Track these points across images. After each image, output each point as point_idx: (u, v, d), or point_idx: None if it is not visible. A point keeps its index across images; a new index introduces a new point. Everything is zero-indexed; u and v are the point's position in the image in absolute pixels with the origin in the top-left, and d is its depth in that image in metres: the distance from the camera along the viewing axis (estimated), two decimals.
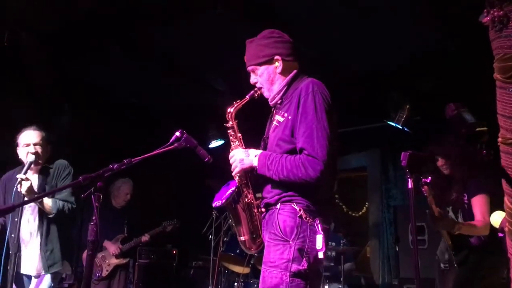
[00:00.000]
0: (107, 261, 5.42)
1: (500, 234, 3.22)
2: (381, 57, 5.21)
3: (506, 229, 1.76)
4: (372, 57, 5.23)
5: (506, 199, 1.76)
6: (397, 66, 5.29)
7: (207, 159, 2.62)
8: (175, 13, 4.56)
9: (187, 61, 5.62)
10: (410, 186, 2.14)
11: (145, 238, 5.57)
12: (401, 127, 5.55)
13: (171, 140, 2.52)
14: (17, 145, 3.64)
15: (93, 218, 2.15)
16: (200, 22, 4.67)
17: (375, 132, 6.28)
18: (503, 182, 1.77)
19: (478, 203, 3.66)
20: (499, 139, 1.79)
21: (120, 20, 4.63)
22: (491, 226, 3.35)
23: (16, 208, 2.67)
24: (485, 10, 1.83)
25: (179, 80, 6.10)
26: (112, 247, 5.41)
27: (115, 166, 2.28)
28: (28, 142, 3.57)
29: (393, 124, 5.59)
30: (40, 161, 3.60)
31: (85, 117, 5.96)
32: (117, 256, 5.41)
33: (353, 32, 4.75)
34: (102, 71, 5.74)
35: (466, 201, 3.78)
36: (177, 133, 2.53)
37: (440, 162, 3.89)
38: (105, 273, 5.39)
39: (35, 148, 3.56)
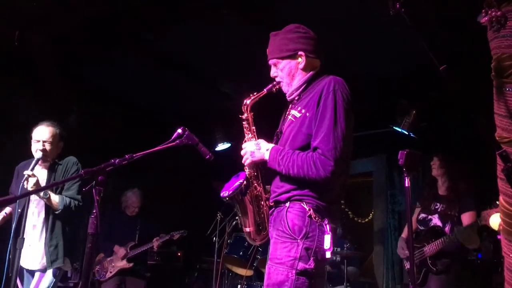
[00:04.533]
0: (112, 264, 5.49)
1: (499, 236, 3.21)
2: (388, 63, 5.22)
3: (501, 227, 1.76)
4: (380, 63, 5.24)
5: (501, 198, 1.77)
6: (404, 72, 5.28)
7: (208, 156, 2.64)
8: (182, 16, 4.60)
9: (194, 63, 5.67)
10: (407, 185, 2.15)
11: (153, 244, 5.59)
12: (406, 133, 5.54)
13: (172, 137, 2.54)
14: (31, 138, 3.70)
15: (94, 211, 2.17)
16: (207, 24, 4.71)
17: (381, 137, 6.27)
18: (499, 181, 1.77)
19: (471, 219, 4.01)
20: (496, 138, 1.79)
21: (128, 23, 4.69)
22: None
23: (18, 199, 2.70)
24: (483, 11, 1.84)
25: (186, 83, 6.15)
26: (120, 250, 5.50)
27: (117, 160, 2.30)
28: (38, 138, 3.64)
29: (399, 130, 5.58)
30: (48, 158, 3.66)
31: (93, 118, 6.03)
32: (122, 258, 5.47)
33: (361, 38, 4.77)
34: (110, 72, 5.81)
35: (456, 214, 4.12)
36: (179, 130, 2.55)
37: (434, 162, 4.40)
38: (108, 275, 5.46)
39: (43, 145, 3.61)
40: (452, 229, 4.10)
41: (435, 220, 4.28)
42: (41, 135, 3.65)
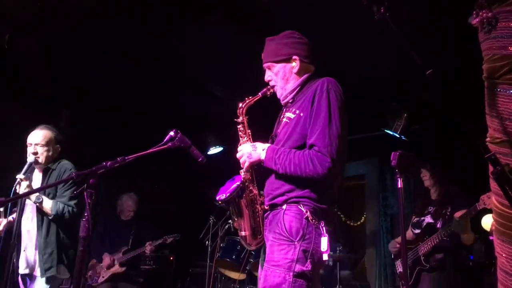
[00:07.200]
0: (105, 269, 5.45)
1: (491, 237, 3.22)
2: (380, 66, 5.24)
3: (493, 227, 1.76)
4: (372, 66, 5.26)
5: (493, 198, 1.77)
6: (396, 75, 5.31)
7: (200, 159, 2.63)
8: (173, 20, 4.59)
9: (187, 67, 5.66)
10: (399, 186, 2.15)
11: (146, 249, 5.54)
12: (398, 136, 5.56)
13: (165, 140, 2.53)
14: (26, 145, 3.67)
15: (85, 214, 2.16)
16: (200, 28, 4.69)
17: (373, 140, 6.29)
18: (491, 181, 1.77)
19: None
20: (487, 139, 1.80)
21: (119, 26, 4.67)
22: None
23: (5, 203, 2.66)
24: (474, 12, 1.84)
25: (178, 87, 6.13)
26: (106, 259, 5.45)
27: (109, 163, 2.29)
28: (31, 141, 3.60)
29: (391, 133, 5.61)
30: (41, 162, 3.60)
31: (84, 122, 5.99)
32: (107, 268, 5.42)
33: (353, 42, 4.78)
34: (101, 76, 5.77)
35: (448, 213, 4.15)
36: (171, 133, 2.54)
37: (424, 174, 4.43)
38: (101, 279, 5.41)
39: (35, 149, 3.57)
40: (444, 224, 4.14)
41: (427, 219, 4.35)
42: (34, 138, 3.61)
